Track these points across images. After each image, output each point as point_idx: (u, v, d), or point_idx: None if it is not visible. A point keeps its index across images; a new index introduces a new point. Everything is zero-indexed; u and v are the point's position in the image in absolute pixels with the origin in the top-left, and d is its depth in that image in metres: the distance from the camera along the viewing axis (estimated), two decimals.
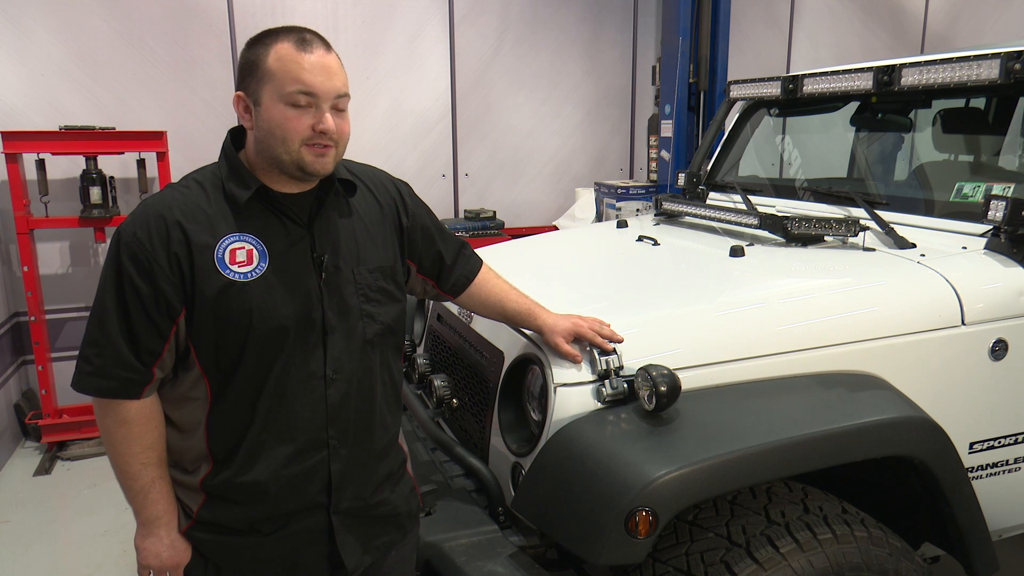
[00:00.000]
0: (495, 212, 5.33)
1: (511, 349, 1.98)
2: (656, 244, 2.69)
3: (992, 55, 2.20)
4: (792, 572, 1.57)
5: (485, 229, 5.10)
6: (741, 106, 3.40)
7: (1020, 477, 2.11)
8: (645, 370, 1.66)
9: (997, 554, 1.88)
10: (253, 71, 1.37)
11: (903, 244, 2.25)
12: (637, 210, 4.98)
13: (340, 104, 1.40)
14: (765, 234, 2.53)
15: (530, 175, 5.66)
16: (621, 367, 1.75)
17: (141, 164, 4.22)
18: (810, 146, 3.33)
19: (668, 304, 2.02)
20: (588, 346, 1.77)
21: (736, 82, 3.27)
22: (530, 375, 1.90)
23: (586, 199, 5.46)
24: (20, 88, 4.24)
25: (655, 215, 3.25)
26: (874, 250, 2.27)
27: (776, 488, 1.77)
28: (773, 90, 3.01)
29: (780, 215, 2.50)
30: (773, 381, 1.82)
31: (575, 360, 1.76)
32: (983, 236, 2.17)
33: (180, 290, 1.35)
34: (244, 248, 1.38)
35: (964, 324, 1.96)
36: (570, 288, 2.35)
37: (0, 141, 3.88)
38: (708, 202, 3.15)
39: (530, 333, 1.89)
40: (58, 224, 4.12)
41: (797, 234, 2.41)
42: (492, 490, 1.89)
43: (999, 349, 1.99)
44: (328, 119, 1.38)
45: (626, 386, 1.72)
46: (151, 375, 1.37)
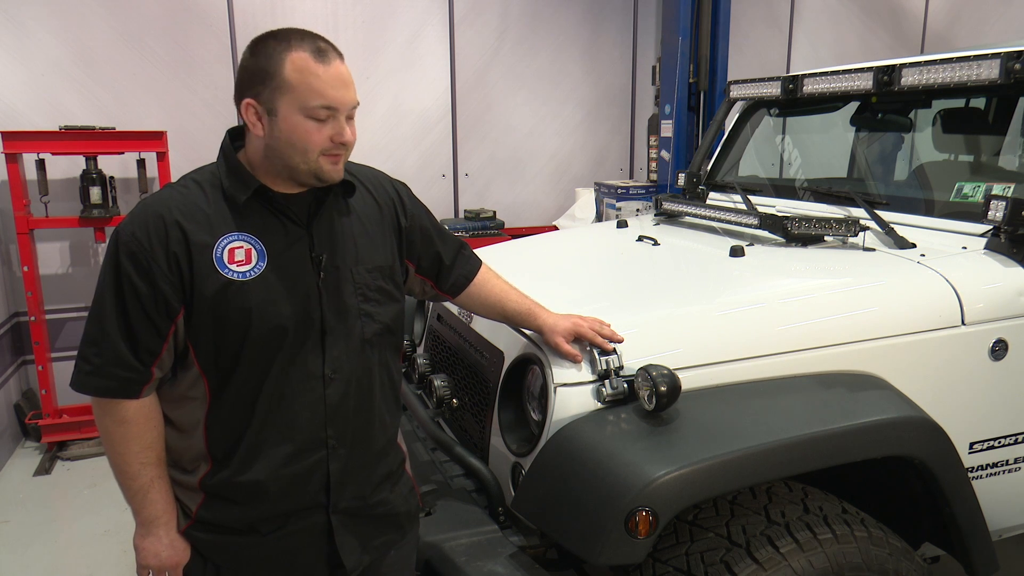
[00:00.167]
0: (495, 212, 5.33)
1: (511, 349, 1.98)
2: (656, 244, 2.69)
3: (992, 55, 2.20)
4: (792, 572, 1.57)
5: (485, 229, 5.10)
6: (741, 106, 3.40)
7: (1020, 477, 2.11)
8: (645, 370, 1.66)
9: (997, 554, 1.88)
10: (266, 80, 1.34)
11: (903, 244, 2.25)
12: (637, 210, 4.98)
13: (352, 113, 1.42)
14: (765, 234, 2.53)
15: (530, 175, 5.66)
16: (621, 367, 1.75)
17: (141, 164, 4.22)
18: (810, 146, 3.33)
19: (668, 304, 2.03)
20: (588, 346, 1.77)
21: (736, 82, 3.26)
22: (530, 375, 1.90)
23: (586, 199, 5.46)
24: (20, 88, 4.24)
25: (655, 215, 3.25)
26: (874, 250, 2.27)
27: (776, 488, 1.77)
28: (773, 90, 3.01)
29: (780, 215, 2.50)
30: (773, 381, 1.82)
31: (575, 360, 1.76)
32: (983, 236, 2.17)
33: (179, 289, 1.35)
34: (243, 247, 1.39)
35: (964, 324, 1.96)
36: (570, 288, 2.35)
37: (0, 141, 3.88)
38: (708, 202, 3.15)
39: (530, 333, 1.89)
40: (58, 224, 4.12)
41: (797, 234, 2.41)
42: (492, 490, 1.89)
43: (999, 349, 1.99)
44: (347, 131, 1.40)
45: (626, 386, 1.72)
46: (150, 375, 1.37)
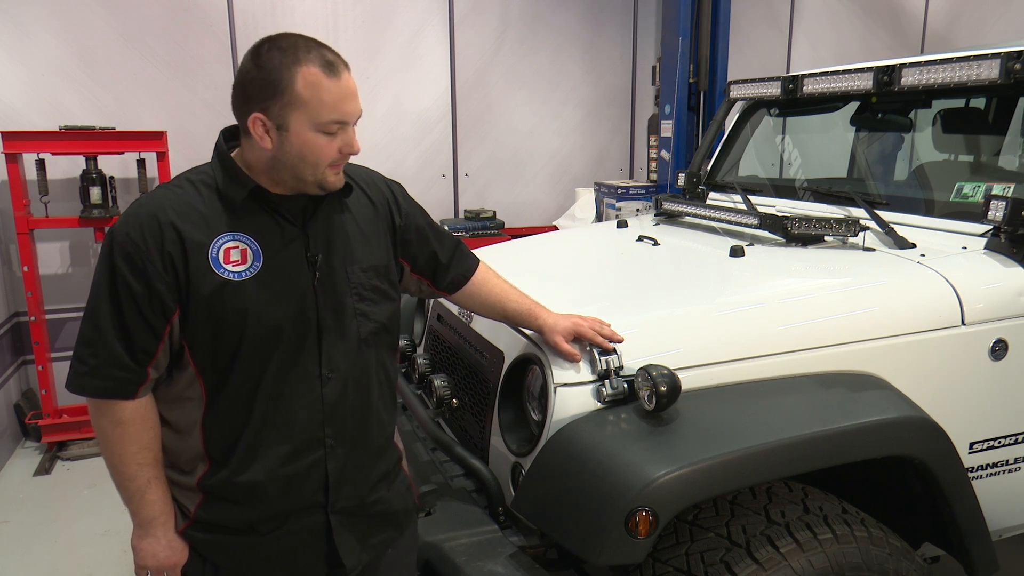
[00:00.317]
0: (495, 212, 5.33)
1: (511, 349, 1.98)
2: (656, 244, 2.69)
3: (992, 55, 2.19)
4: (792, 572, 1.57)
5: (485, 229, 5.11)
6: (741, 106, 3.39)
7: (1020, 477, 2.11)
8: (645, 370, 1.66)
9: (997, 554, 1.88)
10: (276, 95, 1.32)
11: (903, 244, 2.25)
12: (637, 210, 4.98)
13: (356, 122, 1.43)
14: (765, 234, 2.53)
15: (530, 175, 5.66)
16: (621, 367, 1.75)
17: (141, 164, 4.22)
18: (810, 146, 3.33)
19: (668, 304, 2.02)
20: (588, 346, 1.77)
21: (736, 82, 3.26)
22: (530, 375, 1.90)
23: (586, 199, 5.46)
24: (20, 88, 4.24)
25: (655, 215, 3.25)
26: (874, 250, 2.27)
27: (776, 488, 1.77)
28: (773, 90, 3.01)
29: (780, 215, 2.50)
30: (773, 381, 1.82)
31: (574, 359, 1.76)
32: (983, 236, 2.16)
33: (174, 289, 1.35)
34: (238, 247, 1.38)
35: (964, 324, 1.96)
36: (570, 288, 2.35)
37: (0, 141, 3.88)
38: (708, 202, 3.15)
39: (530, 333, 1.89)
40: (58, 224, 4.12)
41: (797, 234, 2.41)
42: (492, 490, 1.89)
43: (999, 349, 1.99)
44: (356, 141, 1.41)
45: (626, 386, 1.72)
46: (146, 375, 1.37)
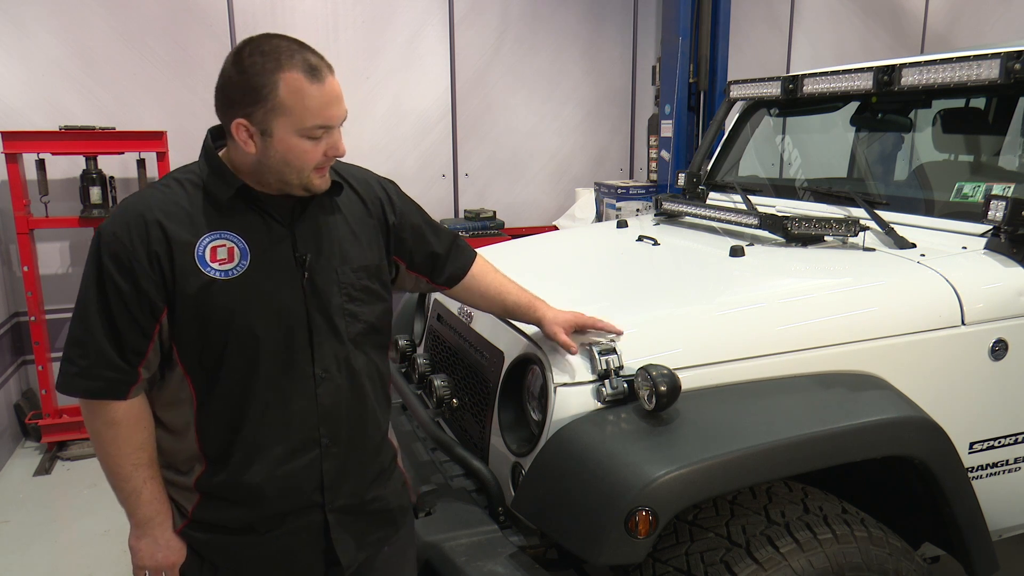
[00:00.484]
0: (495, 212, 5.33)
1: (511, 349, 1.98)
2: (656, 244, 2.69)
3: (992, 55, 2.19)
4: (792, 572, 1.57)
5: (485, 229, 5.11)
6: (741, 106, 3.39)
7: (1020, 477, 2.11)
8: (645, 370, 1.66)
9: (997, 554, 1.88)
10: (259, 101, 1.31)
11: (903, 244, 2.25)
12: (637, 210, 4.98)
13: (342, 124, 1.42)
14: (765, 234, 2.53)
15: (530, 175, 5.66)
16: (621, 367, 1.75)
17: (141, 164, 4.22)
18: (810, 146, 3.33)
19: (668, 304, 2.02)
20: (588, 345, 1.77)
21: (736, 82, 3.26)
22: (530, 375, 1.90)
23: (586, 199, 5.46)
24: (20, 88, 4.24)
25: (655, 215, 3.25)
26: (874, 250, 2.27)
27: (776, 488, 1.77)
28: (773, 90, 3.01)
29: (780, 215, 2.50)
30: (773, 381, 1.82)
31: (571, 350, 1.76)
32: (983, 236, 2.16)
33: (162, 288, 1.34)
34: (225, 246, 1.38)
35: (964, 324, 1.96)
36: (570, 288, 2.35)
37: (0, 141, 3.88)
38: (708, 202, 3.15)
39: (530, 332, 1.89)
40: (58, 224, 4.12)
41: (797, 234, 2.41)
42: (492, 490, 1.89)
43: (999, 349, 1.99)
44: (341, 144, 1.40)
45: (626, 386, 1.72)
46: (137, 375, 1.37)
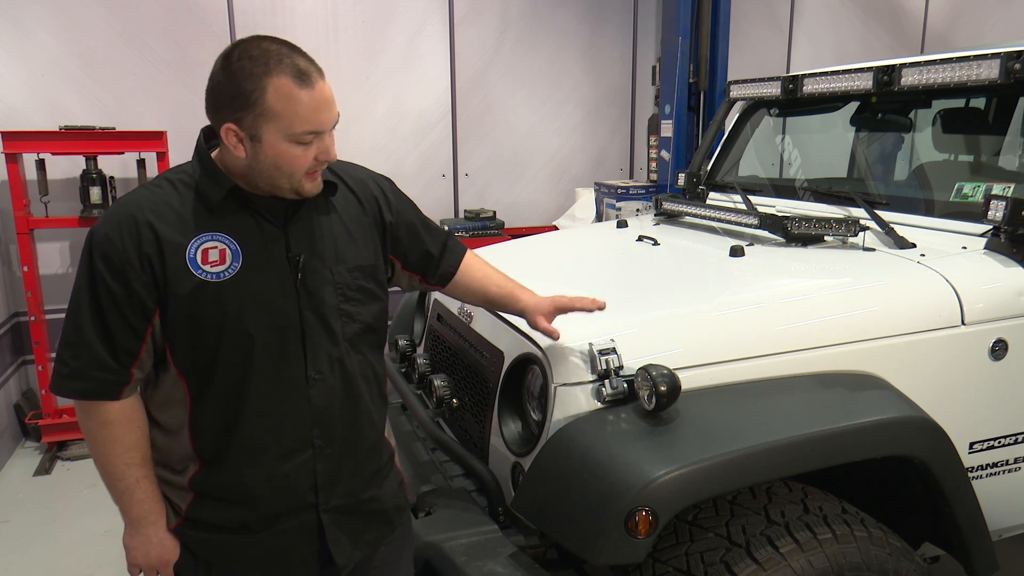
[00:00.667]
0: (495, 212, 5.33)
1: (511, 349, 1.98)
2: (656, 244, 2.69)
3: (992, 55, 2.19)
4: (792, 572, 1.57)
5: (485, 229, 5.11)
6: (741, 106, 3.39)
7: (1020, 477, 2.11)
8: (645, 370, 1.66)
9: (997, 554, 1.88)
10: (247, 106, 1.30)
11: (903, 244, 2.25)
12: (637, 210, 4.98)
13: (334, 128, 1.41)
14: (765, 234, 2.53)
15: (530, 175, 5.66)
16: (621, 367, 1.75)
17: (141, 164, 4.22)
18: (810, 146, 3.33)
19: (668, 304, 2.02)
20: (588, 345, 1.76)
21: (736, 82, 3.26)
22: (530, 375, 1.90)
23: (586, 199, 5.46)
24: (20, 88, 4.25)
25: (655, 215, 3.25)
26: (874, 250, 2.27)
27: (776, 488, 1.77)
28: (773, 90, 3.01)
29: (780, 215, 2.50)
30: (773, 381, 1.82)
31: (554, 337, 1.76)
32: (983, 236, 2.16)
33: (153, 290, 1.34)
34: (217, 247, 1.37)
35: (964, 324, 1.96)
36: (570, 288, 2.32)
37: (0, 141, 3.88)
38: (708, 202, 3.15)
39: (530, 333, 1.89)
40: (58, 224, 4.12)
41: (797, 234, 2.41)
42: (492, 490, 1.89)
43: (999, 349, 1.99)
44: (332, 148, 1.39)
45: (626, 386, 1.72)
46: (129, 375, 1.37)
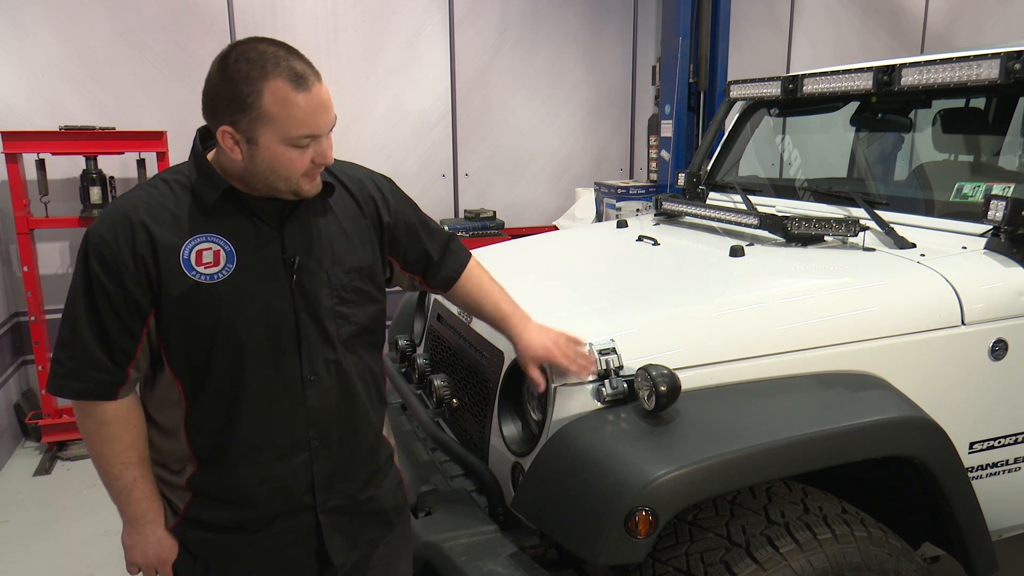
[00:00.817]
0: (495, 212, 5.33)
1: (511, 349, 1.96)
2: (656, 244, 2.69)
3: (992, 55, 2.19)
4: (792, 572, 1.57)
5: (485, 229, 5.11)
6: (741, 106, 3.39)
7: (1020, 477, 2.11)
8: (645, 370, 1.66)
9: (997, 554, 1.88)
10: (244, 109, 1.30)
11: (903, 244, 2.25)
12: (637, 210, 4.98)
13: (331, 130, 1.41)
14: (765, 234, 2.53)
15: (530, 175, 5.66)
16: (621, 367, 1.75)
17: (141, 164, 4.23)
18: (810, 146, 3.33)
19: (668, 304, 2.02)
20: (589, 345, 1.76)
21: (736, 82, 3.26)
22: None
23: (586, 199, 5.46)
24: (20, 88, 4.24)
25: (655, 215, 3.25)
26: (874, 250, 2.27)
27: (776, 488, 1.77)
28: (773, 90, 3.01)
29: (780, 215, 2.50)
30: (773, 381, 1.82)
31: (539, 387, 1.75)
32: (983, 236, 2.16)
33: (148, 290, 1.34)
34: (211, 249, 1.37)
35: (964, 324, 1.96)
36: (570, 288, 2.35)
37: (0, 141, 3.88)
38: (708, 202, 3.15)
39: None
40: (58, 224, 4.12)
41: (797, 234, 2.41)
42: (492, 490, 1.89)
43: (999, 349, 1.99)
44: (329, 151, 1.39)
45: (626, 386, 1.72)
46: (125, 376, 1.37)
